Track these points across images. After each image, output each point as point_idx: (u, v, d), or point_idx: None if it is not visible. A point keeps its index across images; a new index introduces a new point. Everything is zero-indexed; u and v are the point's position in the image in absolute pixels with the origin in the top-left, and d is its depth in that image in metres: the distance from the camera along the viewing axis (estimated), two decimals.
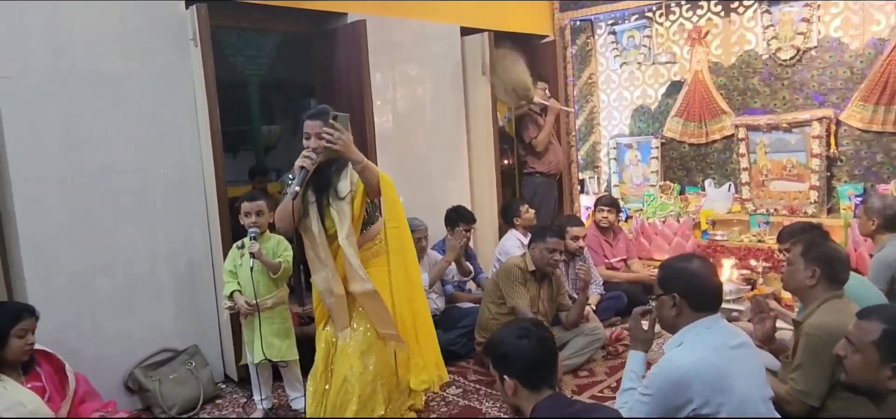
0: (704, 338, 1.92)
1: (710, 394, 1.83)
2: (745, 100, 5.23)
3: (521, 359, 1.73)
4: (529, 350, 1.73)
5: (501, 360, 1.78)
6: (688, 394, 1.85)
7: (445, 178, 4.88)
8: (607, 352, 3.80)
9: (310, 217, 2.58)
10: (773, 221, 4.96)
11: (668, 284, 2.00)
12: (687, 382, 1.84)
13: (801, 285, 2.30)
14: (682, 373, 1.85)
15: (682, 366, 1.87)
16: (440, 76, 4.85)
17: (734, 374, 1.86)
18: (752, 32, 5.14)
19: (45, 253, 3.06)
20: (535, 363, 1.74)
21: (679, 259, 2.14)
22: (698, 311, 1.96)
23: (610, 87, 6.02)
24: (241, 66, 7.15)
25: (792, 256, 2.35)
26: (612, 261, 4.75)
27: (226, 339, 3.64)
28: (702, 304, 1.96)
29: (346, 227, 2.55)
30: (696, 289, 1.96)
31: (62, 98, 3.08)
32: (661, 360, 1.94)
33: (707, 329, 1.94)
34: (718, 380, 1.84)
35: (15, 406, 2.43)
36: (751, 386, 1.91)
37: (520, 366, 1.74)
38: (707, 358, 1.86)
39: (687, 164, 5.64)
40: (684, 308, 1.96)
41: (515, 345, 1.74)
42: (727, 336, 1.97)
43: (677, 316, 1.98)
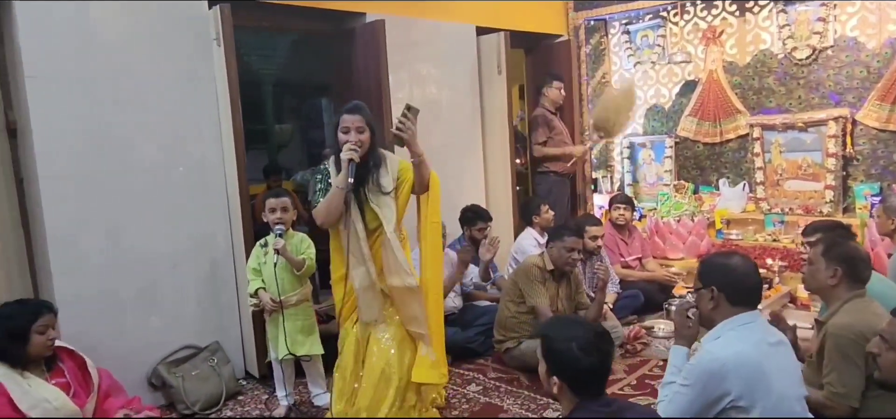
0: (742, 333, 1.92)
1: (747, 389, 1.84)
2: (760, 99, 5.23)
3: (579, 371, 1.72)
4: (590, 366, 1.72)
5: (556, 361, 1.76)
6: (725, 386, 1.85)
7: (461, 177, 4.90)
8: (625, 351, 3.81)
9: (350, 211, 2.56)
10: (788, 220, 4.96)
11: (707, 278, 2.02)
12: (724, 374, 1.85)
13: (822, 285, 2.30)
14: (720, 365, 1.86)
15: (720, 358, 1.87)
16: (456, 75, 4.87)
17: (771, 371, 1.87)
18: (767, 32, 5.13)
19: (71, 250, 3.09)
20: (591, 379, 1.74)
21: (719, 254, 2.18)
22: (736, 306, 1.97)
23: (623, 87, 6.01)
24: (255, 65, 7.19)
25: (812, 256, 2.35)
26: (628, 260, 4.77)
27: (247, 336, 3.67)
28: (739, 299, 1.97)
29: (393, 222, 2.57)
30: (734, 282, 1.97)
31: (89, 97, 3.11)
32: (699, 352, 1.95)
33: (745, 324, 1.95)
34: (756, 375, 1.85)
35: (40, 402, 2.45)
36: (787, 383, 1.91)
37: (575, 376, 1.73)
38: (745, 352, 1.87)
39: (701, 164, 5.64)
40: (722, 301, 1.97)
41: (576, 358, 1.71)
42: (765, 333, 1.98)
43: (715, 309, 1.99)
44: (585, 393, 1.75)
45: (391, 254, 2.57)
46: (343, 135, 2.53)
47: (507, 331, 3.65)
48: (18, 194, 3.19)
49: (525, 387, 3.42)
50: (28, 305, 2.57)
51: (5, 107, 3.12)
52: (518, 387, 3.44)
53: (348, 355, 2.74)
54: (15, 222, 3.19)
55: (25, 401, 2.42)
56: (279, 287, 3.08)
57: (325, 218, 2.56)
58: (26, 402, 2.42)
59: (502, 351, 3.68)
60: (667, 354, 3.68)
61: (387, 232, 2.54)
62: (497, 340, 3.71)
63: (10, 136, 3.15)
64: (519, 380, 3.52)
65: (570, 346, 1.73)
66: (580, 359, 1.71)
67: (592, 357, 1.72)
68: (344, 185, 2.45)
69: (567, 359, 1.73)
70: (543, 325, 1.92)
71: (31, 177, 3.06)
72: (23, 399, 2.41)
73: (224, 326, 3.63)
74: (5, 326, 2.46)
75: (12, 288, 3.07)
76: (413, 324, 2.65)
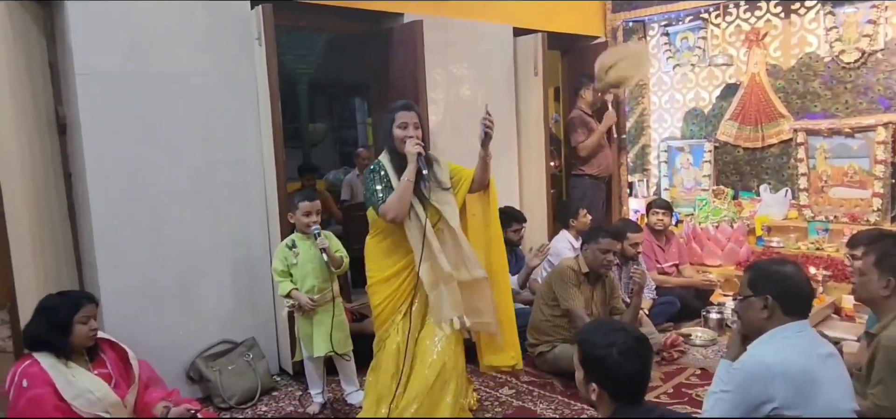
0: (793, 342, 1.87)
1: (794, 396, 1.78)
2: (804, 103, 5.09)
3: (619, 379, 1.69)
4: (630, 372, 1.68)
5: (596, 368, 1.73)
6: (769, 391, 1.79)
7: (495, 179, 4.83)
8: (662, 358, 3.74)
9: (414, 206, 2.59)
10: (832, 229, 4.82)
11: (760, 286, 1.95)
12: (769, 378, 1.79)
13: (874, 296, 2.23)
14: (765, 369, 1.80)
15: (766, 363, 1.82)
16: (492, 76, 4.85)
17: (821, 380, 1.81)
18: (813, 34, 5.00)
19: (116, 244, 3.16)
20: (632, 386, 1.71)
21: (771, 262, 2.11)
22: (789, 315, 1.91)
23: (661, 89, 5.93)
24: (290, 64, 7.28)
25: (864, 266, 2.28)
26: (664, 266, 4.68)
27: (282, 333, 3.71)
28: (793, 308, 1.91)
29: (457, 216, 2.61)
30: (790, 291, 1.92)
31: (134, 95, 3.18)
32: (743, 356, 1.90)
33: (796, 333, 1.89)
34: (804, 382, 1.78)
35: (84, 392, 2.50)
36: (838, 394, 1.85)
37: (615, 384, 1.70)
38: (794, 359, 1.81)
39: (741, 169, 5.52)
40: (776, 311, 1.91)
41: (617, 363, 1.68)
42: (816, 343, 1.92)
43: (768, 318, 1.92)
44: (625, 400, 1.71)
45: (458, 247, 2.61)
46: (401, 130, 2.58)
47: (541, 334, 3.62)
48: (66, 189, 3.29)
49: (558, 391, 3.39)
50: (70, 296, 2.61)
51: (56, 103, 3.22)
52: (551, 391, 3.41)
53: (389, 359, 2.73)
54: (63, 216, 3.29)
55: (69, 390, 2.47)
56: (317, 287, 3.12)
57: (397, 211, 2.56)
58: (70, 392, 2.47)
59: (536, 354, 3.65)
60: (704, 362, 3.66)
61: (453, 225, 2.58)
62: (530, 344, 3.68)
63: (60, 132, 3.25)
64: (552, 384, 3.49)
65: (611, 352, 1.69)
66: (621, 365, 1.68)
67: (634, 363, 1.69)
68: (413, 177, 2.51)
69: (607, 366, 1.69)
70: (581, 331, 1.89)
71: (79, 172, 3.14)
72: (67, 388, 2.46)
73: (260, 322, 3.68)
74: (48, 317, 2.51)
75: (60, 280, 3.16)
76: (475, 316, 2.66)
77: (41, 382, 2.43)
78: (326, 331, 3.13)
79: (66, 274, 3.25)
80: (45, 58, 3.18)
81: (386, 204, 2.57)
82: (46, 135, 3.20)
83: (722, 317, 4.19)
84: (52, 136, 3.23)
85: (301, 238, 3.19)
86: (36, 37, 3.14)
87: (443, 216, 2.62)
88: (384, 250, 2.72)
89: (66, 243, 3.29)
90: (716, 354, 3.83)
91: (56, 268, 3.20)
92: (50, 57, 3.19)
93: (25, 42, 3.06)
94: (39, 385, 2.42)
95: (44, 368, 2.45)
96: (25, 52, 3.06)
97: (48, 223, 3.18)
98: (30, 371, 2.44)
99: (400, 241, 2.68)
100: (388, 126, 2.65)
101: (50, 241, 3.19)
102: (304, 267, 3.15)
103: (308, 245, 3.15)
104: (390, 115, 2.66)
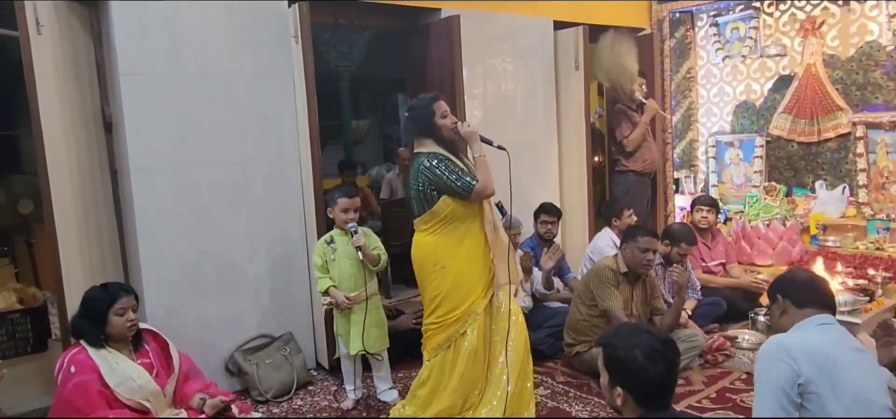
0: (818, 331, 1.90)
1: (818, 375, 1.78)
2: (864, 95, 4.82)
3: (643, 381, 1.63)
4: (655, 375, 1.62)
5: (621, 371, 1.67)
6: (794, 366, 1.79)
7: (535, 174, 4.80)
8: (705, 361, 3.61)
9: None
10: (893, 227, 4.54)
11: (773, 293, 2.08)
12: (792, 355, 1.80)
13: None
14: (786, 348, 1.83)
15: (786, 342, 1.86)
16: (532, 70, 4.77)
17: (847, 369, 1.80)
18: (874, 22, 4.72)
19: (158, 239, 3.26)
20: (657, 388, 1.64)
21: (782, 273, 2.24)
22: (804, 307, 1.96)
23: (710, 82, 5.72)
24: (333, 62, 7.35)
25: None
26: (710, 265, 4.51)
27: (318, 328, 3.75)
28: (805, 299, 1.97)
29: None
30: (798, 284, 2.03)
31: (176, 94, 3.26)
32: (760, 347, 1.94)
33: (821, 325, 1.91)
34: (828, 365, 1.79)
35: (126, 379, 2.58)
36: (868, 386, 1.82)
37: (639, 386, 1.64)
38: (815, 342, 1.84)
39: (795, 164, 5.27)
40: (789, 306, 2.00)
41: (641, 365, 1.62)
42: (844, 338, 1.92)
43: (783, 315, 2.01)
44: (651, 405, 1.65)
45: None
46: (444, 119, 2.75)
47: (578, 334, 3.54)
48: (113, 185, 3.41)
49: (595, 393, 3.31)
50: (110, 289, 2.70)
51: (102, 102, 3.33)
52: (587, 393, 3.33)
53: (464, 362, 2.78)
54: (109, 211, 3.41)
55: (113, 377, 2.56)
56: (354, 284, 3.12)
57: (491, 185, 2.72)
58: (114, 378, 2.56)
59: (572, 355, 3.57)
60: (750, 367, 3.50)
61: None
62: (567, 343, 3.61)
63: (107, 130, 3.36)
64: (589, 385, 3.40)
65: (634, 354, 1.64)
66: (646, 367, 1.62)
67: (658, 365, 1.63)
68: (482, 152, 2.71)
69: (631, 368, 1.64)
70: (605, 334, 1.84)
71: (123, 169, 3.25)
72: (111, 375, 2.56)
73: (296, 317, 3.73)
74: (87, 308, 2.62)
75: (106, 272, 3.28)
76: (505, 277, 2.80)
77: (87, 369, 2.53)
78: (360, 329, 3.13)
79: (111, 267, 3.37)
80: (93, 58, 3.30)
81: (480, 182, 2.68)
82: (93, 133, 3.32)
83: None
84: (98, 134, 3.35)
85: (339, 234, 3.20)
86: (83, 38, 3.25)
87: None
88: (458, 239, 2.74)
89: (111, 237, 3.41)
90: None
91: (102, 261, 3.32)
92: (97, 57, 3.31)
93: (72, 43, 3.18)
94: (86, 371, 2.53)
95: (90, 356, 2.56)
96: (72, 52, 3.18)
97: (94, 218, 3.30)
98: (77, 358, 2.55)
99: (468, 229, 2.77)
100: (429, 119, 2.73)
101: (96, 235, 3.31)
102: (341, 263, 3.16)
103: (346, 241, 3.15)
104: (425, 109, 2.74)
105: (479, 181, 2.66)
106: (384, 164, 7.99)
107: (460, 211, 2.72)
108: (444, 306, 2.75)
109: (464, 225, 2.75)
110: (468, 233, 2.76)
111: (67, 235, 3.01)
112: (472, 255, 2.76)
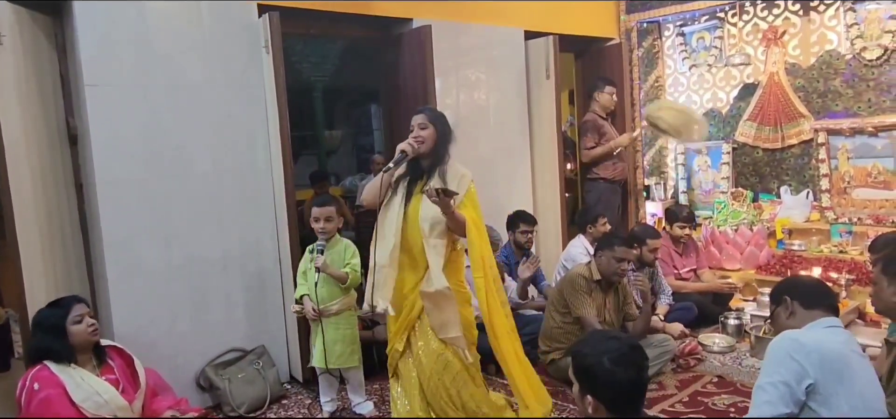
0: (827, 333, 1.86)
1: (829, 375, 1.72)
2: (825, 102, 4.97)
3: (612, 387, 1.65)
4: (624, 380, 1.64)
5: (588, 378, 1.69)
6: (805, 365, 1.73)
7: (509, 183, 4.83)
8: (678, 365, 3.66)
9: (395, 197, 2.68)
10: (856, 231, 4.68)
11: (778, 295, 2.05)
12: (807, 352, 1.74)
13: (889, 305, 2.16)
14: (799, 344, 1.76)
15: (802, 339, 1.79)
16: (504, 80, 4.81)
17: (857, 373, 1.77)
18: (833, 32, 4.87)
19: (126, 254, 3.18)
20: (627, 394, 1.66)
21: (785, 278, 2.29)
22: (812, 309, 1.94)
23: (678, 91, 5.83)
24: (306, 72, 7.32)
25: (875, 276, 2.21)
26: (682, 272, 4.59)
27: (292, 341, 3.71)
28: (813, 300, 1.96)
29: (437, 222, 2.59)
30: (805, 286, 2.03)
31: (144, 105, 3.20)
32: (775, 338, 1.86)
33: (828, 326, 1.89)
34: (839, 368, 1.74)
35: (92, 395, 2.53)
36: (871, 393, 1.80)
37: (610, 394, 1.65)
38: (828, 342, 1.79)
39: (761, 170, 5.40)
40: (797, 308, 1.97)
41: (609, 371, 1.64)
42: (851, 342, 1.89)
43: (793, 316, 1.97)
44: (622, 411, 1.66)
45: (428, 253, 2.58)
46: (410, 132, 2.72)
47: (553, 341, 3.56)
48: (78, 200, 3.32)
49: (570, 400, 3.32)
50: (58, 303, 2.67)
51: (67, 114, 3.25)
52: (563, 400, 3.35)
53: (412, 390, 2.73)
54: (75, 227, 3.32)
55: (79, 393, 2.51)
56: (319, 297, 3.09)
57: (365, 197, 2.73)
58: (79, 394, 2.50)
59: (547, 362, 3.59)
60: (722, 370, 3.57)
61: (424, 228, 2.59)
62: (542, 351, 3.63)
63: (72, 143, 3.29)
64: (564, 393, 3.42)
65: (602, 361, 1.65)
66: (614, 373, 1.64)
67: (629, 371, 1.65)
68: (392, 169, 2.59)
69: (599, 374, 1.66)
70: (574, 344, 1.85)
71: (90, 182, 3.17)
72: (76, 391, 2.50)
73: (270, 330, 3.68)
74: (43, 328, 2.57)
75: (72, 288, 3.18)
76: (442, 331, 2.63)
77: (51, 384, 2.48)
78: (330, 343, 3.11)
79: (77, 283, 3.28)
80: (56, 69, 3.23)
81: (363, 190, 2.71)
82: (57, 146, 3.24)
83: (740, 322, 4.09)
84: (63, 147, 3.27)
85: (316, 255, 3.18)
86: (46, 49, 3.18)
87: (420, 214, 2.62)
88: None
89: (77, 254, 3.33)
90: (734, 361, 3.74)
91: (67, 277, 3.23)
92: (61, 68, 3.23)
93: (36, 54, 3.10)
94: (50, 386, 2.48)
95: (54, 372, 2.51)
96: (36, 63, 3.10)
97: (59, 233, 3.21)
98: (41, 375, 2.50)
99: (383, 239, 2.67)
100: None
101: (61, 251, 3.22)
102: (312, 273, 3.14)
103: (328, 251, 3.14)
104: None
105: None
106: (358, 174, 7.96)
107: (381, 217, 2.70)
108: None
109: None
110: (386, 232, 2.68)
111: (31, 251, 2.93)
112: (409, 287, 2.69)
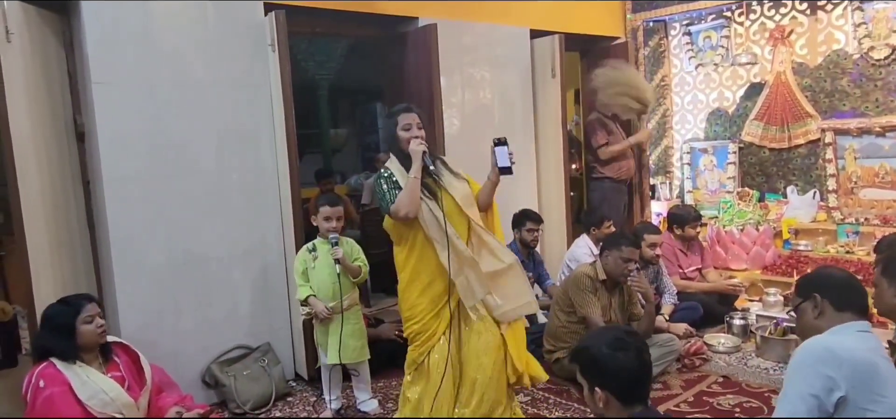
0: (858, 338, 1.75)
1: (860, 387, 1.63)
2: (832, 102, 4.94)
3: (617, 373, 1.66)
4: (627, 364, 1.66)
5: (594, 371, 1.71)
6: (835, 374, 1.64)
7: (513, 182, 4.80)
8: (683, 365, 3.65)
9: (426, 201, 2.55)
10: (863, 231, 4.66)
11: (808, 289, 1.91)
12: (835, 362, 1.64)
13: (889, 306, 2.11)
14: (830, 353, 1.67)
15: (830, 347, 1.69)
16: (509, 79, 4.81)
17: (888, 378, 1.67)
18: (841, 31, 4.85)
19: (132, 250, 3.20)
20: (631, 378, 1.67)
21: (817, 269, 2.12)
22: (842, 311, 1.82)
23: (684, 90, 5.82)
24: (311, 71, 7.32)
25: (875, 278, 2.18)
26: (687, 271, 4.57)
27: (297, 338, 3.72)
28: (845, 302, 1.83)
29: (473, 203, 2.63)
30: (837, 284, 1.88)
31: (150, 103, 3.22)
32: (803, 344, 1.77)
33: (859, 331, 1.77)
34: (872, 379, 1.64)
35: (97, 393, 2.53)
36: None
37: (615, 380, 1.67)
38: (859, 350, 1.68)
39: (767, 170, 5.38)
40: (827, 308, 1.84)
41: (611, 358, 1.67)
42: (881, 348, 1.81)
43: (821, 316, 1.85)
44: (632, 398, 1.68)
45: (477, 236, 2.58)
46: (405, 132, 2.59)
47: (558, 341, 3.55)
48: (85, 196, 3.34)
49: (575, 399, 3.32)
50: (70, 301, 2.66)
51: (74, 112, 3.27)
52: (567, 399, 3.35)
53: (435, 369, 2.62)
54: (82, 223, 3.34)
55: (84, 390, 2.51)
56: (343, 288, 3.07)
57: (408, 207, 2.49)
58: (85, 392, 2.51)
59: (552, 361, 3.58)
60: (727, 370, 3.55)
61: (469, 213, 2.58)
62: (546, 350, 3.62)
63: (79, 140, 3.30)
64: (568, 391, 3.42)
65: (601, 348, 1.69)
66: (615, 357, 1.67)
67: (628, 352, 1.67)
68: (419, 173, 2.50)
69: (601, 360, 1.69)
70: (575, 348, 1.86)
71: (97, 179, 3.19)
72: (82, 389, 2.51)
73: (275, 328, 3.69)
74: (52, 325, 2.56)
75: (78, 286, 3.20)
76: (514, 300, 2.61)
77: (57, 382, 2.48)
78: (343, 338, 3.10)
79: (84, 280, 3.30)
80: (64, 67, 3.24)
81: (396, 202, 2.52)
82: (65, 143, 3.25)
83: (746, 323, 4.07)
84: (70, 144, 3.28)
85: (322, 243, 3.17)
86: (54, 46, 3.20)
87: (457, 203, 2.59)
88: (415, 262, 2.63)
89: (84, 249, 3.34)
90: (740, 362, 3.73)
91: (74, 273, 3.25)
92: (68, 65, 3.25)
93: (43, 51, 3.12)
94: (55, 384, 2.47)
95: (59, 369, 2.51)
96: (43, 60, 3.12)
97: (66, 230, 3.23)
98: (46, 372, 2.50)
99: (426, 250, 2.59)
100: (392, 130, 2.64)
101: (68, 248, 3.24)
102: (320, 272, 3.14)
103: (327, 250, 3.12)
104: (392, 119, 2.65)
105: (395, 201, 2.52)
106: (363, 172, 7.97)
107: (402, 229, 2.61)
108: (407, 325, 2.70)
109: (408, 245, 2.62)
110: (413, 254, 2.62)
111: (38, 248, 2.94)
112: (421, 279, 2.61)
